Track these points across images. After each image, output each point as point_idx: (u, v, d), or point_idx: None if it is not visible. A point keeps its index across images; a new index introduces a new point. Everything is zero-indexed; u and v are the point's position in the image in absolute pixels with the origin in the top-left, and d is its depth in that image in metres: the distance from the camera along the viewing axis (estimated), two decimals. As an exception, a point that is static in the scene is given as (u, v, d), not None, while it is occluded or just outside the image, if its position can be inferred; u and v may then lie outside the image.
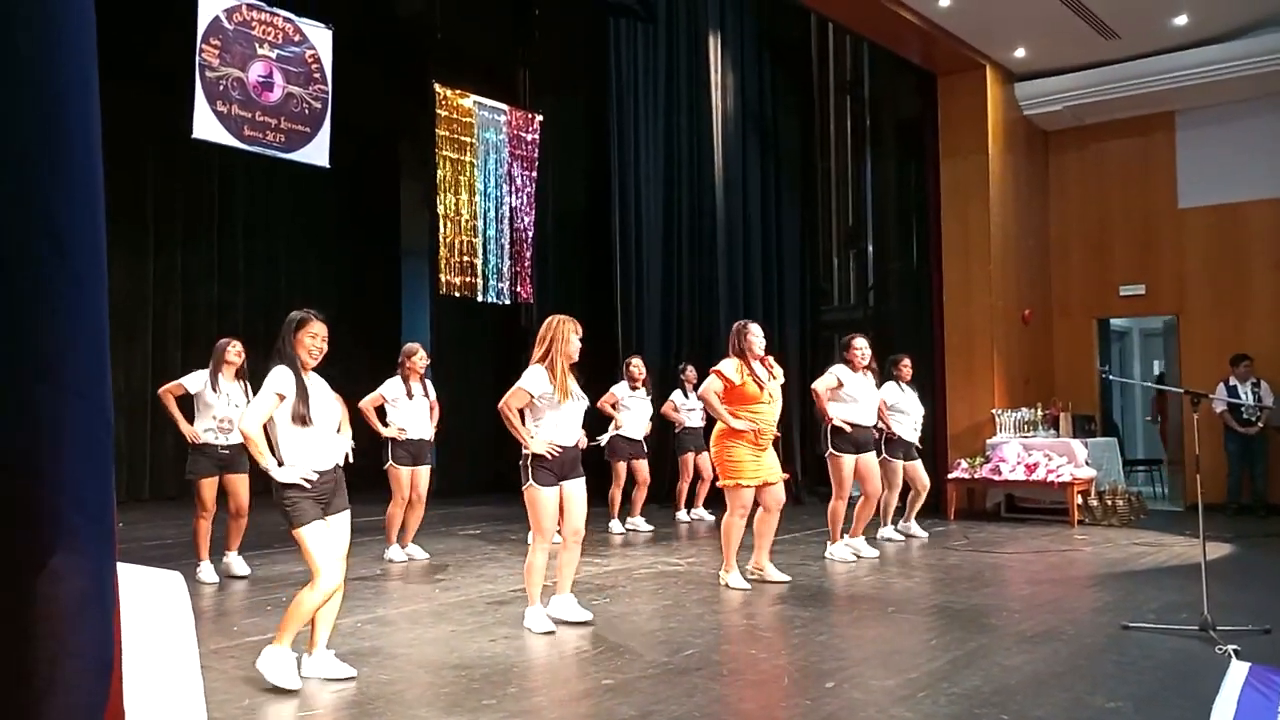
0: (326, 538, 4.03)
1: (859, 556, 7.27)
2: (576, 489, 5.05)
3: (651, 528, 8.93)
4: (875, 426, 7.55)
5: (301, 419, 4.02)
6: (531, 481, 4.91)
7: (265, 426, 4.03)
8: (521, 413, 4.97)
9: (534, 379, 4.92)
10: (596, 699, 3.84)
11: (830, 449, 7.16)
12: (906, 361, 8.43)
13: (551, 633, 4.88)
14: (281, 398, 4.03)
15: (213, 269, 13.00)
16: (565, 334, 4.93)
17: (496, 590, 6.10)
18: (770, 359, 6.29)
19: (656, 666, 4.30)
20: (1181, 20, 9.54)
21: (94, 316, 1.07)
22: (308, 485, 3.99)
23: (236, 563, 6.57)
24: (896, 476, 8.16)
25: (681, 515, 9.57)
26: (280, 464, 4.03)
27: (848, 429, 7.11)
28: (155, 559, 4.95)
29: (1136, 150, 11.19)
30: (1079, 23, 9.54)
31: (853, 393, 7.21)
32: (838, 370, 7.27)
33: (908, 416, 8.24)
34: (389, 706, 3.78)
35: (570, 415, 4.99)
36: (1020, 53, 10.44)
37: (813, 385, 7.33)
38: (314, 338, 4.17)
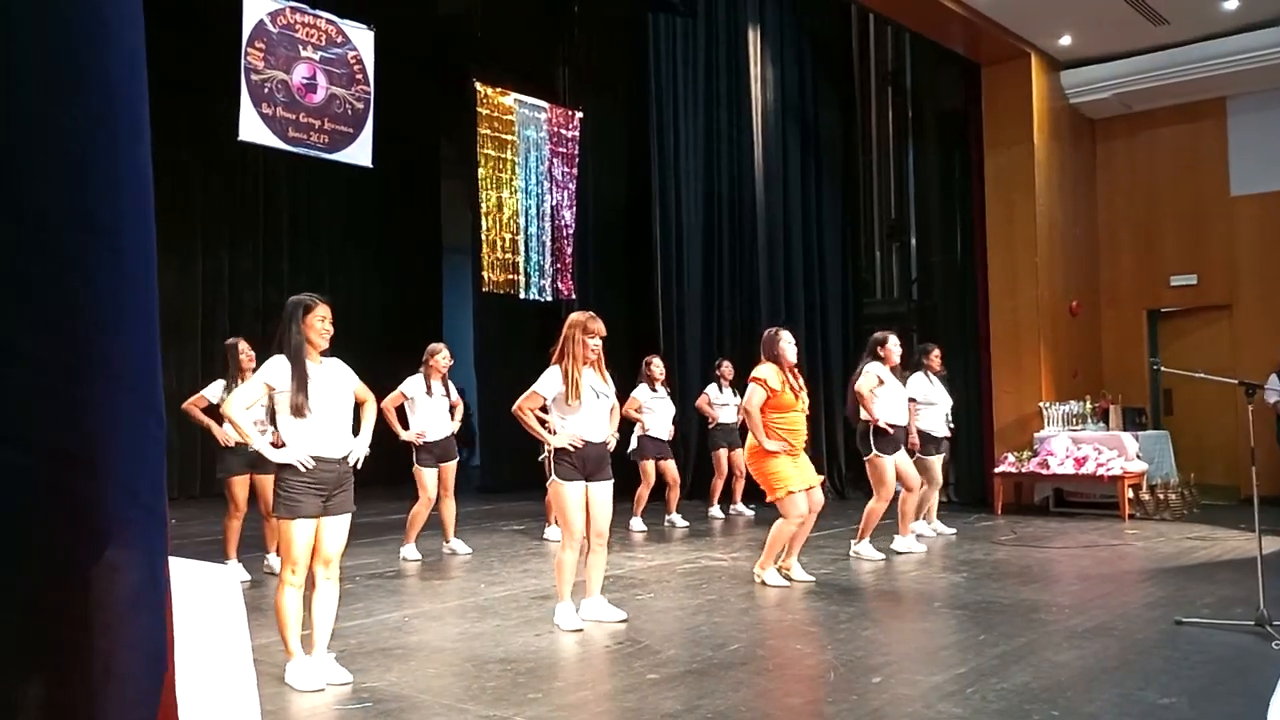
0: (309, 536, 3.96)
1: (910, 552, 7.20)
2: (602, 491, 5.00)
3: (688, 524, 8.92)
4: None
5: (298, 409, 3.94)
6: (554, 476, 4.92)
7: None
8: (546, 411, 4.99)
9: (547, 381, 4.94)
10: (641, 693, 3.84)
11: (874, 451, 7.08)
12: (937, 352, 8.29)
13: (580, 630, 4.86)
14: (271, 388, 3.99)
15: (258, 270, 13.20)
16: (577, 336, 4.92)
17: (541, 585, 6.13)
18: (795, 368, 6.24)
19: (701, 661, 4.30)
20: (1232, 4, 9.33)
21: (145, 312, 1.09)
22: (303, 469, 3.93)
23: (276, 562, 6.64)
24: (935, 472, 8.07)
25: (715, 511, 9.55)
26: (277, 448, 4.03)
27: (891, 431, 7.04)
28: (207, 554, 5.03)
29: (1187, 137, 10.97)
30: (1126, 8, 9.37)
31: (889, 392, 7.14)
32: (877, 369, 7.16)
33: (937, 408, 8.12)
34: (436, 699, 3.82)
35: (593, 413, 4.97)
36: (1066, 40, 10.27)
37: (856, 386, 7.14)
38: (322, 320, 4.07)
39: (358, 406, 4.29)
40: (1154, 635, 4.70)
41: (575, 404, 4.90)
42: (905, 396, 7.37)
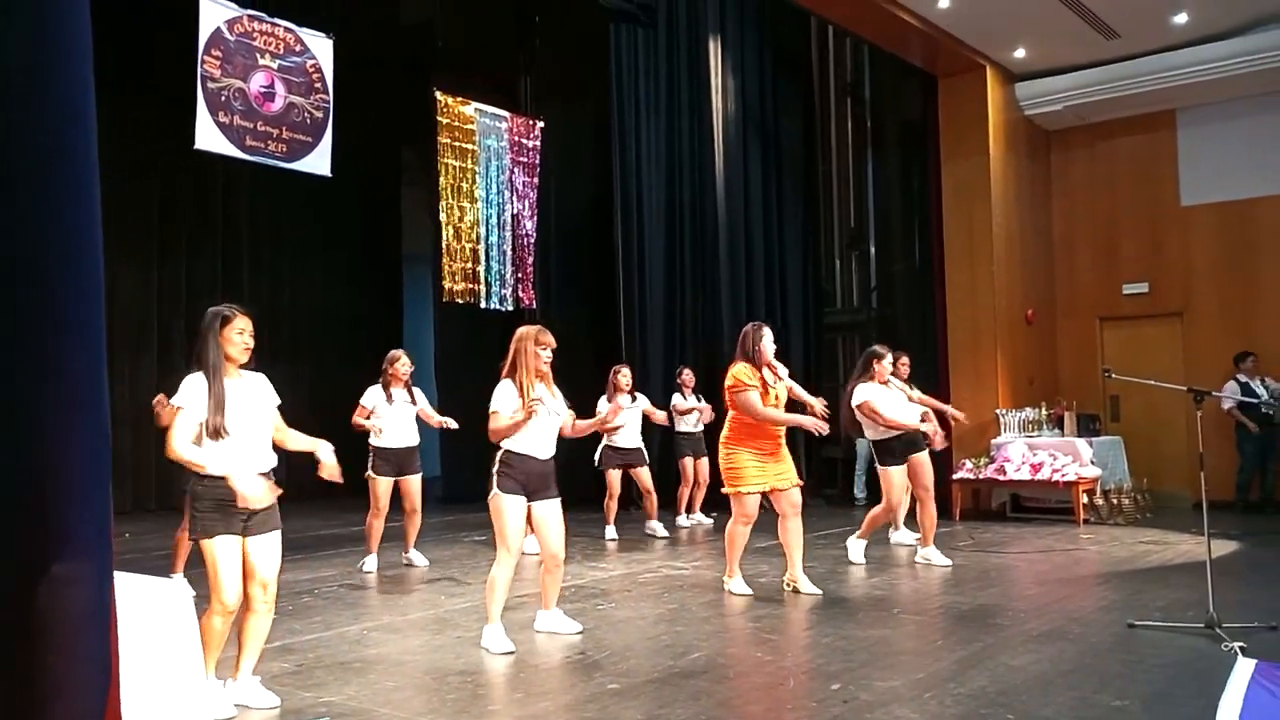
0: (235, 556, 3.76)
1: (929, 564, 7.06)
2: (551, 511, 4.87)
3: (668, 534, 8.86)
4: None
5: (216, 432, 3.72)
6: (495, 490, 4.77)
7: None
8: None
9: (503, 398, 4.79)
10: (602, 703, 3.84)
11: (879, 464, 7.18)
12: (905, 360, 8.30)
13: (511, 653, 4.66)
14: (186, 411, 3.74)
15: (216, 279, 13.04)
16: (529, 348, 4.82)
17: (502, 596, 6.09)
18: (775, 363, 6.22)
19: (662, 670, 4.31)
20: (1182, 18, 9.54)
21: (95, 325, 1.09)
22: (226, 493, 3.69)
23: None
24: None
25: (682, 520, 9.56)
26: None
27: (910, 427, 7.04)
28: (161, 569, 4.96)
29: (1139, 148, 11.19)
30: (1079, 22, 9.55)
31: (885, 401, 7.12)
32: (860, 392, 7.11)
33: None
34: (395, 713, 3.79)
35: (542, 430, 4.83)
36: (1020, 53, 10.45)
37: (866, 406, 7.07)
38: (241, 333, 3.85)
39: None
40: (1108, 639, 4.77)
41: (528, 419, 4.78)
42: (904, 403, 7.34)
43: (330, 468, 3.98)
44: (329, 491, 4.30)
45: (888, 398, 7.17)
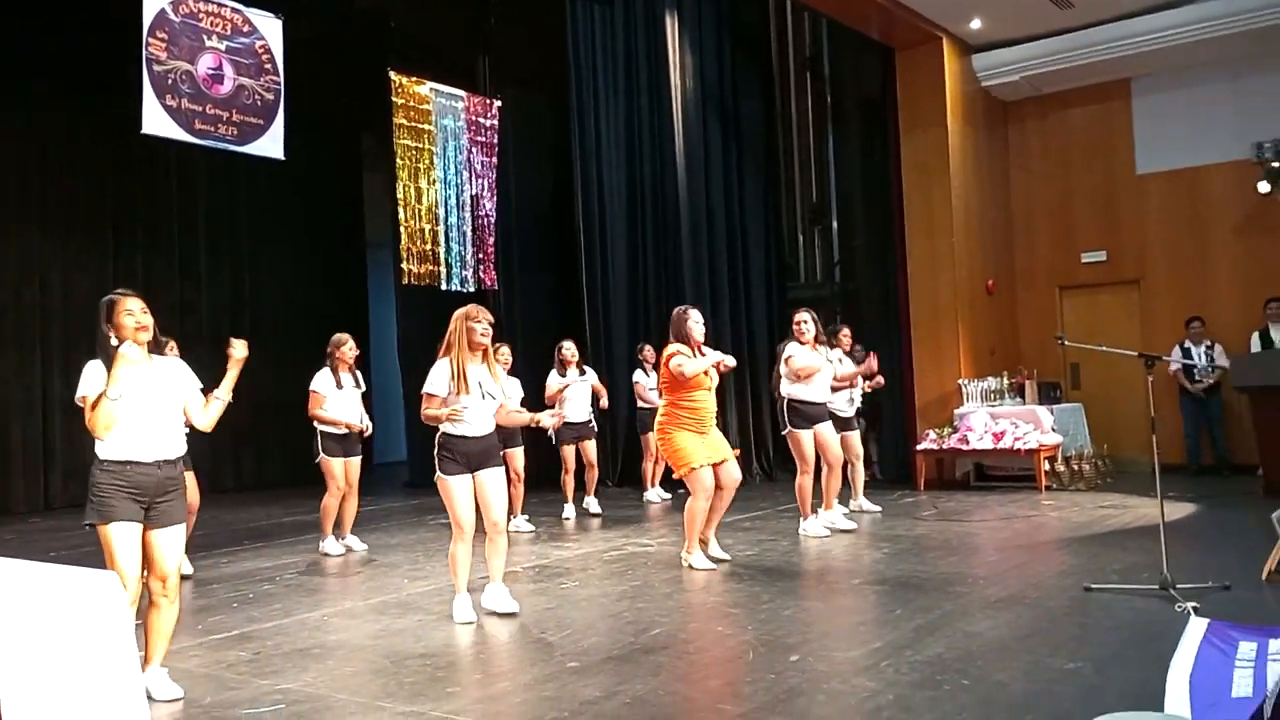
0: (134, 542, 3.70)
1: (834, 530, 7.26)
2: (490, 479, 4.96)
3: (601, 511, 8.89)
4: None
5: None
6: (439, 473, 4.91)
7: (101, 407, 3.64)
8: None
9: (437, 378, 4.90)
10: (561, 682, 3.84)
11: (788, 426, 7.23)
12: (846, 331, 8.48)
13: (472, 623, 4.84)
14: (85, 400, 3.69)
15: (174, 269, 12.87)
16: (462, 326, 4.93)
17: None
18: (703, 345, 6.27)
19: (622, 647, 4.31)
20: (1133, -13, 9.59)
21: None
22: (127, 480, 3.68)
23: (184, 564, 6.47)
24: (851, 448, 8.16)
25: (651, 495, 9.57)
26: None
27: (813, 369, 7.11)
28: (99, 561, 4.88)
29: (1094, 118, 11.25)
30: (1033, -8, 9.57)
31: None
32: (790, 348, 7.31)
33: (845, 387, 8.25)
34: (351, 698, 3.76)
35: (475, 410, 4.91)
36: (976, 24, 10.45)
37: (792, 368, 7.22)
38: (129, 315, 3.75)
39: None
40: (1065, 602, 4.83)
41: (461, 398, 4.84)
42: (824, 372, 7.42)
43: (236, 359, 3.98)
44: (291, 480, 4.27)
45: (807, 355, 7.24)
